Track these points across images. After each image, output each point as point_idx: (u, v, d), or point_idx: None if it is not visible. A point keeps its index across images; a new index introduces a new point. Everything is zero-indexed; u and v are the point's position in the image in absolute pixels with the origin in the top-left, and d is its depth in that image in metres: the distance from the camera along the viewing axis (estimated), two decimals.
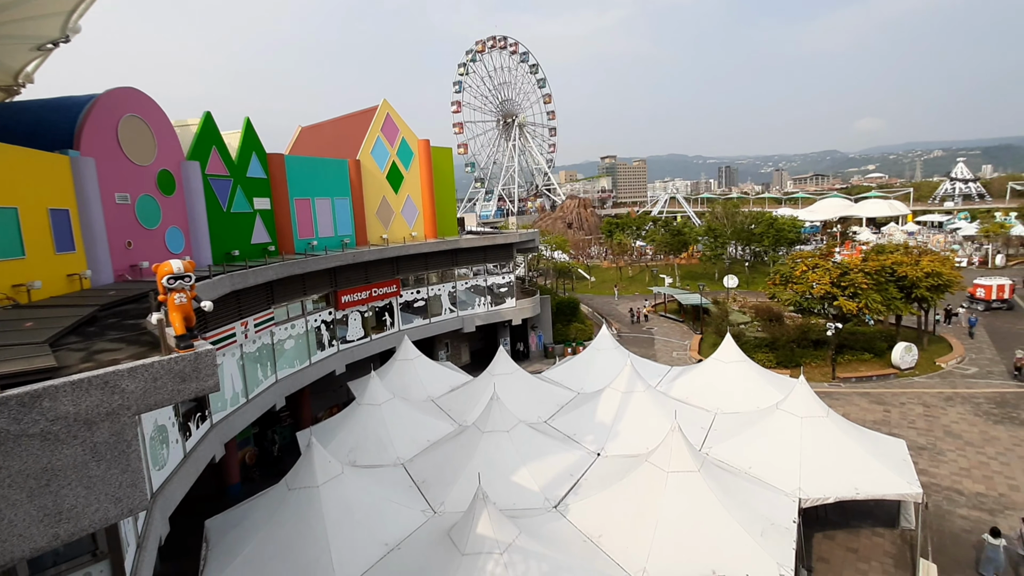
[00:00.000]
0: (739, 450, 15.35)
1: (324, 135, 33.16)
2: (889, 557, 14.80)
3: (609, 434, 16.53)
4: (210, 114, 19.81)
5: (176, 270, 5.82)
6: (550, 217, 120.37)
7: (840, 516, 16.19)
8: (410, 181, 30.48)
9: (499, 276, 33.06)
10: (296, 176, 23.99)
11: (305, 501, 12.05)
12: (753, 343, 32.05)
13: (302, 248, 24.33)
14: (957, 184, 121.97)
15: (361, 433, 17.07)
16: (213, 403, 15.89)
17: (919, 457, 19.20)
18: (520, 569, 9.90)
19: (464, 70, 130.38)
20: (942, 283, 29.93)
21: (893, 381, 28.04)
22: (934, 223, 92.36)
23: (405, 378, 22.06)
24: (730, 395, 18.95)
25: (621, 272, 71.60)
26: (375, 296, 26.46)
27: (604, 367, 21.69)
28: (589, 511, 12.72)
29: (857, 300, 28.06)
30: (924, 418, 23.40)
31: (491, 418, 15.09)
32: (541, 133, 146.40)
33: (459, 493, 13.14)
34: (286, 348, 21.22)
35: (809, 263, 31.19)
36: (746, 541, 11.20)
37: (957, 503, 17.11)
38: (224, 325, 16.80)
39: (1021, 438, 21.08)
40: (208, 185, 19.38)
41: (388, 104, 29.66)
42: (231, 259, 20.31)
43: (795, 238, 64.63)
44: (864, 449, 14.67)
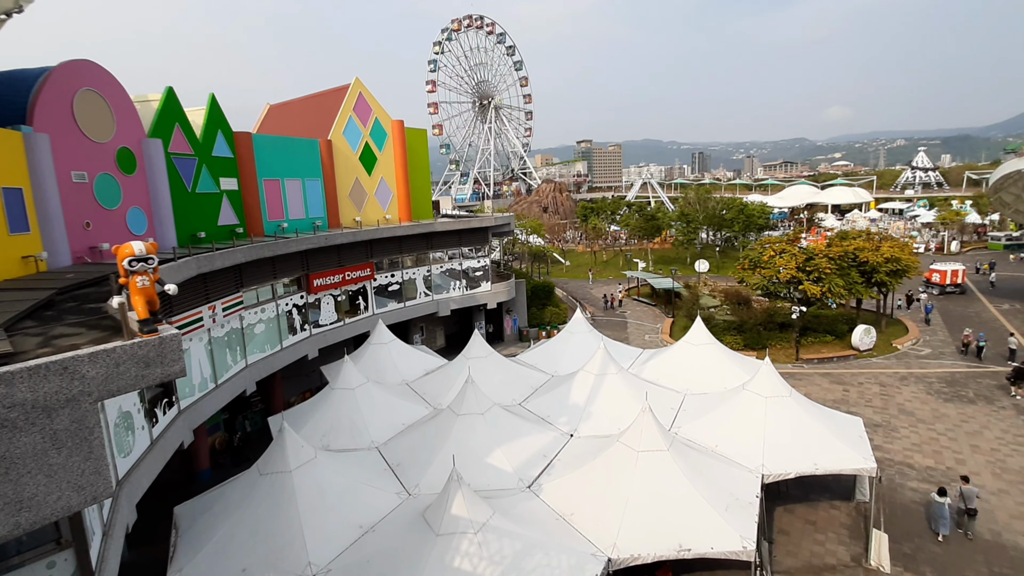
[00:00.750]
0: (707, 429, 15.84)
1: (293, 114, 32.20)
2: (845, 528, 15.61)
3: (582, 415, 16.83)
4: (172, 89, 19.00)
5: (138, 252, 5.63)
6: (526, 201, 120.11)
7: (800, 490, 16.96)
8: (384, 163, 29.93)
9: (474, 260, 32.97)
10: (265, 156, 23.30)
11: (277, 486, 11.98)
12: (722, 326, 32.88)
13: (272, 230, 23.76)
14: (918, 173, 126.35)
15: (334, 417, 16.98)
16: (180, 388, 15.56)
17: (874, 433, 20.16)
18: (493, 548, 10.10)
19: (439, 49, 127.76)
20: (901, 268, 31.17)
21: (853, 362, 29.24)
22: (895, 210, 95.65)
23: (379, 362, 21.94)
24: (699, 377, 19.47)
25: (596, 256, 72.23)
26: (348, 280, 26.10)
27: (578, 350, 21.97)
28: (561, 490, 13.01)
29: (821, 284, 29.03)
30: (880, 397, 24.54)
31: (466, 401, 15.19)
32: (517, 116, 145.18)
33: (434, 475, 13.26)
34: (256, 332, 20.82)
35: (776, 248, 32.06)
36: (712, 516, 11.64)
37: (908, 476, 18.10)
38: (191, 309, 16.38)
39: (968, 415, 22.34)
40: (171, 164, 18.66)
41: (360, 83, 28.92)
42: (197, 241, 19.72)
43: (764, 224, 66.18)
44: (823, 427, 15.33)
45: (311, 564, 10.63)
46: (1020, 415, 22.06)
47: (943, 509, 15.01)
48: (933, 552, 14.48)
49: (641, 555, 11.01)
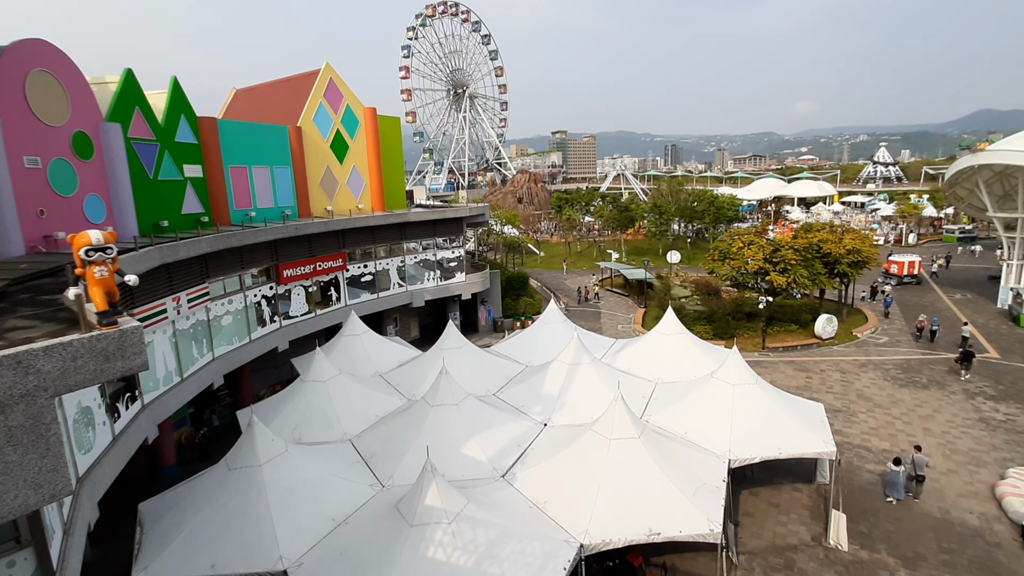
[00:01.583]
0: (677, 416, 16.23)
1: (261, 99, 31.25)
2: (806, 509, 16.27)
3: (556, 405, 17.02)
4: (131, 71, 18.21)
5: (95, 241, 5.43)
6: (500, 191, 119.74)
7: (764, 474, 17.56)
8: (356, 151, 29.39)
9: (449, 250, 32.80)
10: (231, 142, 22.60)
11: (247, 480, 11.78)
12: (693, 316, 33.60)
13: (239, 219, 23.13)
14: (879, 167, 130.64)
15: (306, 410, 16.74)
16: (144, 383, 15.11)
17: (835, 418, 20.98)
18: (468, 537, 10.18)
19: (413, 34, 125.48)
20: (861, 259, 32.35)
21: (815, 350, 30.30)
22: (857, 203, 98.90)
23: (352, 354, 21.70)
24: (670, 366, 19.88)
25: (570, 247, 72.66)
26: (320, 270, 25.65)
27: (552, 340, 22.15)
28: (535, 479, 13.17)
29: (787, 275, 29.92)
30: (841, 383, 25.53)
31: (440, 392, 15.18)
32: (492, 106, 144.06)
33: (408, 466, 13.25)
34: (223, 324, 20.32)
35: (745, 240, 32.84)
36: (680, 501, 11.97)
37: (866, 459, 18.94)
38: (154, 301, 15.89)
39: (921, 399, 23.46)
40: (131, 149, 17.93)
41: (331, 68, 28.25)
42: (160, 230, 19.07)
43: (734, 216, 67.66)
44: (787, 412, 15.88)
45: (282, 558, 10.53)
46: (969, 399, 23.28)
47: (898, 477, 16.44)
48: (887, 530, 15.23)
49: (613, 540, 11.27)
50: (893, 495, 16.53)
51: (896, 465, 16.55)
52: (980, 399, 23.27)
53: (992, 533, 14.91)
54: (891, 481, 16.63)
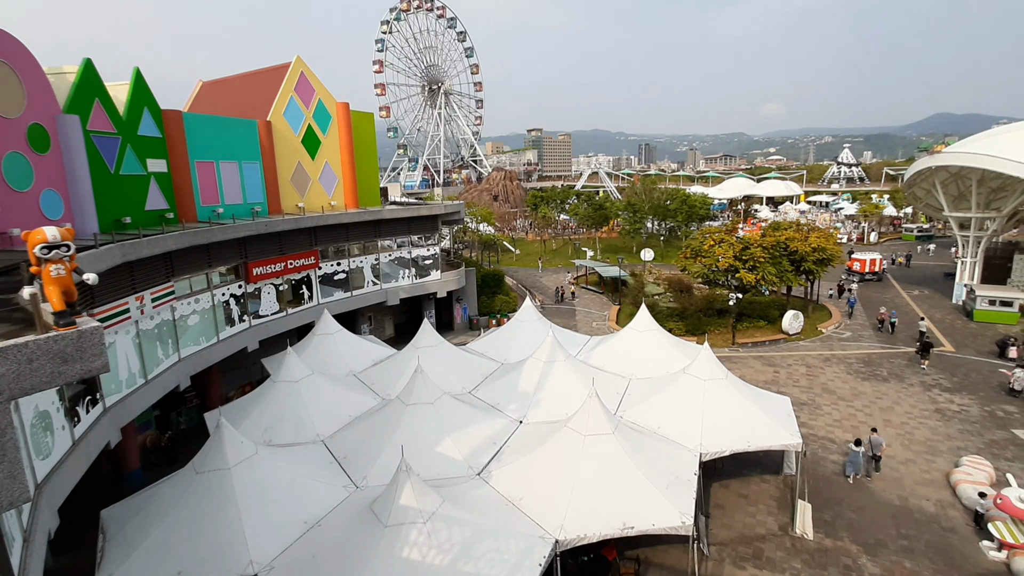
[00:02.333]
0: (650, 412, 16.50)
1: (229, 92, 30.42)
2: (773, 500, 16.76)
3: (531, 402, 17.10)
4: (90, 61, 17.49)
5: (51, 238, 5.22)
6: (476, 189, 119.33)
7: (734, 466, 18.01)
8: (328, 146, 28.88)
9: (424, 248, 32.56)
10: (197, 136, 21.95)
11: (215, 484, 11.49)
12: (666, 313, 34.17)
13: (206, 216, 22.49)
14: (843, 168, 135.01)
15: (277, 411, 16.41)
16: (105, 385, 14.59)
17: (800, 411, 21.61)
18: (443, 536, 10.16)
19: (388, 28, 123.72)
20: (826, 257, 33.43)
21: (783, 345, 31.19)
22: (822, 203, 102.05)
23: (325, 353, 21.35)
24: (644, 362, 20.19)
25: (545, 245, 72.97)
26: (291, 268, 25.16)
27: (527, 338, 22.23)
28: (511, 476, 13.21)
29: (755, 272, 30.68)
30: (806, 377, 26.35)
31: (415, 390, 15.08)
32: (467, 104, 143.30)
33: (382, 467, 13.13)
34: (190, 324, 19.77)
35: (716, 238, 33.53)
36: (653, 495, 12.18)
37: (830, 450, 19.61)
38: (115, 300, 15.35)
39: (882, 392, 24.40)
40: (91, 143, 17.24)
41: (302, 62, 27.68)
42: (122, 227, 18.40)
43: (705, 214, 68.98)
44: (756, 406, 16.32)
45: (253, 562, 10.32)
46: (926, 391, 24.32)
47: (858, 456, 17.75)
48: (850, 518, 15.81)
49: (587, 535, 11.40)
50: (852, 472, 17.77)
51: (856, 446, 17.82)
52: (936, 391, 24.34)
53: (947, 519, 15.63)
54: (851, 460, 17.85)
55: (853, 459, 17.80)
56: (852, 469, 17.79)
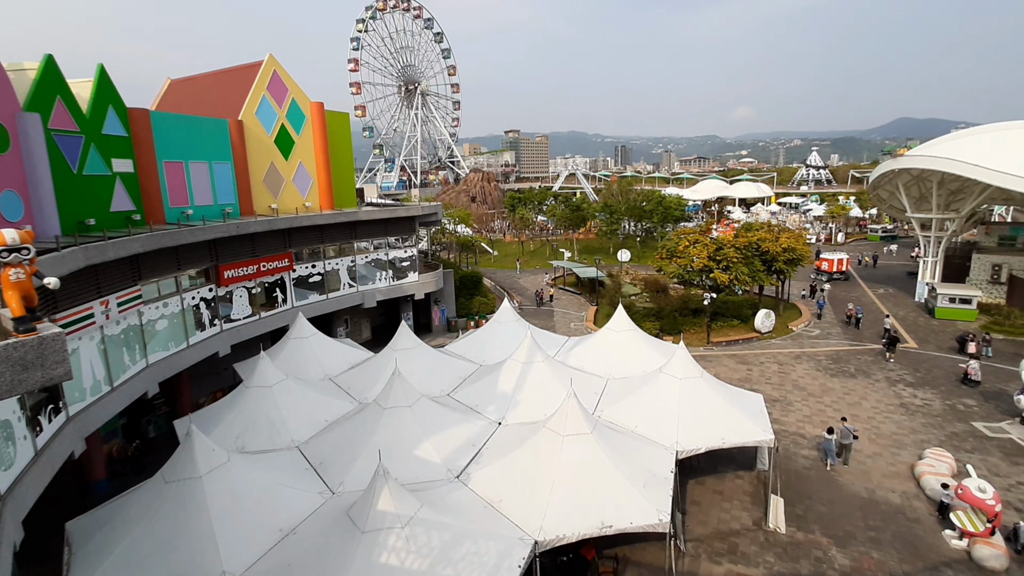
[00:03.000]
0: (627, 411, 16.67)
1: (198, 91, 29.67)
2: (747, 495, 17.11)
3: (510, 403, 17.11)
4: (52, 57, 16.84)
5: (10, 241, 5.02)
6: (454, 190, 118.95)
7: (709, 463, 18.33)
8: (302, 147, 28.40)
9: (401, 250, 32.29)
10: (165, 135, 21.34)
11: (185, 493, 11.16)
12: (642, 313, 34.59)
13: (174, 218, 21.88)
14: (811, 170, 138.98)
15: (250, 417, 16.05)
16: (69, 393, 14.07)
17: (773, 408, 22.13)
18: (422, 541, 10.08)
19: (363, 27, 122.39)
20: (796, 257, 34.33)
21: (755, 343, 31.90)
22: (792, 204, 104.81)
23: (300, 357, 20.99)
24: (621, 362, 20.40)
25: (523, 246, 73.14)
26: (264, 271, 24.66)
27: (506, 339, 22.24)
28: (490, 478, 13.19)
29: (729, 272, 31.31)
30: (778, 374, 27.01)
31: (393, 394, 14.93)
32: (445, 105, 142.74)
33: (359, 472, 12.96)
34: (158, 329, 19.21)
35: (690, 239, 34.12)
36: (631, 493, 12.32)
37: (801, 445, 20.13)
38: (79, 305, 14.84)
39: (850, 388, 25.16)
40: (52, 142, 16.59)
41: (275, 60, 27.17)
42: (86, 229, 17.75)
43: (680, 216, 70.12)
44: (730, 404, 16.65)
45: (225, 573, 10.06)
46: (891, 387, 25.17)
47: (831, 444, 18.74)
48: (820, 512, 16.24)
49: (566, 535, 11.45)
50: (829, 460, 18.77)
51: (829, 434, 18.91)
52: (901, 386, 25.21)
53: (912, 510, 16.20)
54: (826, 448, 18.88)
55: (827, 447, 18.82)
56: (828, 458, 18.78)
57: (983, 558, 13.78)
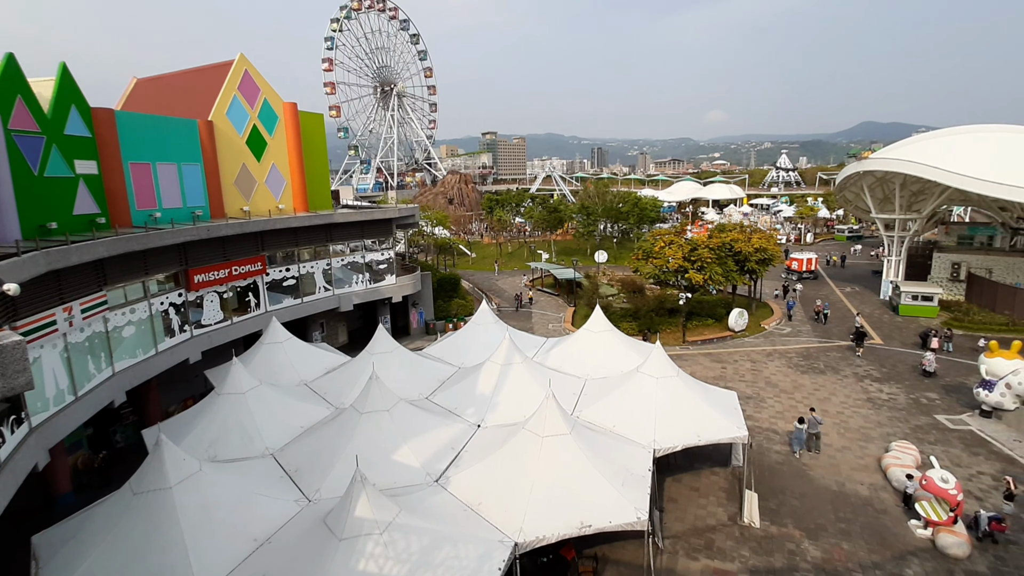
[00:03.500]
0: (605, 411, 16.82)
1: (166, 90, 28.91)
2: (723, 491, 17.43)
3: (489, 405, 17.09)
4: (12, 56, 16.21)
5: None
6: (431, 192, 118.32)
7: (686, 460, 18.62)
8: (275, 148, 27.92)
9: (378, 252, 31.98)
10: (131, 136, 20.75)
11: (155, 505, 10.83)
12: (619, 313, 34.96)
13: (141, 221, 21.27)
14: (781, 172, 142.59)
15: (222, 425, 15.67)
16: (31, 403, 13.55)
17: (746, 405, 22.58)
18: (401, 546, 9.99)
19: (338, 26, 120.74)
20: (767, 257, 35.15)
21: (729, 342, 32.54)
22: (763, 205, 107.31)
23: (274, 362, 20.59)
24: (599, 362, 20.58)
25: (501, 248, 73.18)
26: (236, 275, 24.14)
27: (484, 341, 22.21)
28: (469, 481, 13.15)
29: (703, 272, 31.88)
30: (751, 372, 27.60)
31: (370, 398, 14.76)
32: (421, 107, 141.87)
33: (336, 478, 12.77)
34: (125, 336, 18.64)
35: (666, 240, 34.65)
36: (610, 492, 12.43)
37: (773, 441, 20.60)
38: (40, 311, 14.30)
39: (819, 384, 25.87)
40: (12, 143, 15.97)
41: (246, 59, 26.67)
42: (47, 233, 17.12)
43: (656, 217, 71.11)
44: (705, 402, 16.95)
45: None
46: (859, 382, 25.97)
47: (802, 433, 19.60)
48: (793, 505, 16.65)
49: (546, 536, 11.49)
50: (797, 448, 19.62)
51: (800, 424, 19.82)
52: (868, 381, 26.04)
53: (879, 501, 16.73)
54: (796, 437, 19.69)
55: (798, 436, 19.65)
56: (797, 445, 19.63)
57: (946, 546, 14.31)
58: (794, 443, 19.74)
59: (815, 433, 19.84)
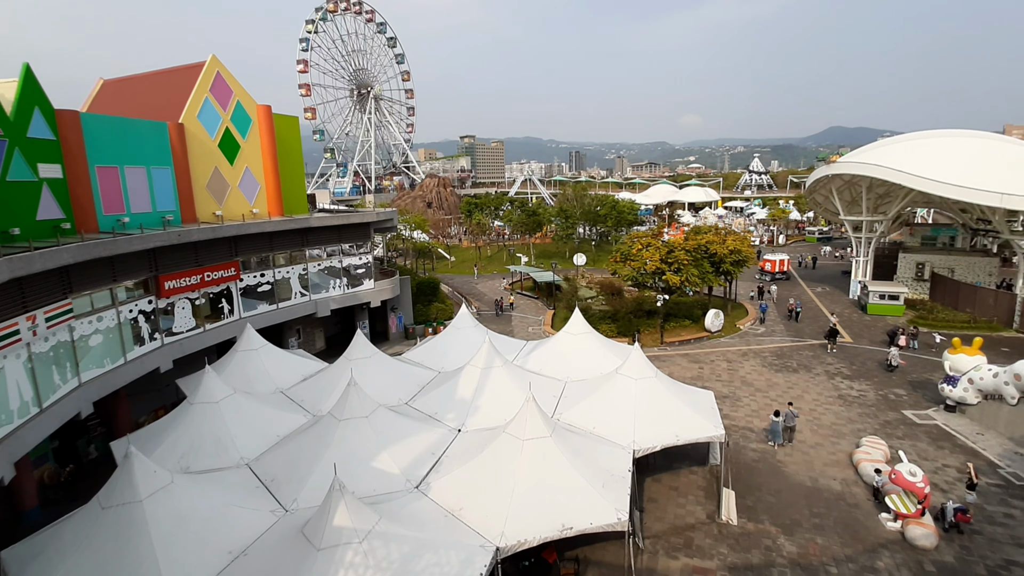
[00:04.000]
0: (585, 413, 16.92)
1: (135, 92, 28.15)
2: (701, 490, 17.69)
3: (469, 410, 17.03)
4: None
5: None
6: (409, 196, 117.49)
7: (664, 460, 18.82)
8: (249, 151, 27.39)
9: (356, 257, 31.62)
10: (98, 139, 20.12)
11: (125, 519, 10.49)
12: (598, 316, 35.22)
13: (109, 226, 20.61)
14: (753, 176, 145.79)
15: (195, 435, 15.26)
16: None
17: (723, 404, 22.96)
18: (380, 555, 9.87)
19: (313, 28, 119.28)
20: (741, 259, 35.87)
21: (706, 342, 33.08)
22: (737, 208, 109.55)
23: (248, 370, 20.17)
24: (578, 364, 20.70)
25: (480, 252, 73.09)
26: (208, 281, 23.60)
27: (464, 345, 22.14)
28: (450, 486, 13.08)
29: (680, 274, 32.36)
30: (727, 371, 28.10)
31: (348, 405, 14.57)
32: (399, 110, 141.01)
33: (314, 487, 12.55)
34: (92, 345, 18.06)
35: (643, 242, 35.07)
36: (590, 494, 12.49)
37: (749, 439, 21.00)
38: (3, 321, 13.78)
39: (793, 382, 26.48)
40: None
41: (218, 61, 26.12)
42: (10, 239, 16.46)
43: (633, 219, 71.95)
44: (683, 402, 17.19)
45: None
46: (830, 379, 26.66)
47: (778, 426, 20.35)
48: (769, 502, 16.99)
49: (528, 540, 11.48)
50: (775, 440, 20.38)
51: (776, 417, 20.53)
52: (839, 379, 26.75)
53: (851, 496, 17.19)
54: (773, 430, 20.47)
55: (774, 428, 20.40)
56: (774, 437, 20.38)
57: (915, 538, 14.77)
58: (772, 436, 20.48)
59: (791, 426, 20.59)
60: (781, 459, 19.46)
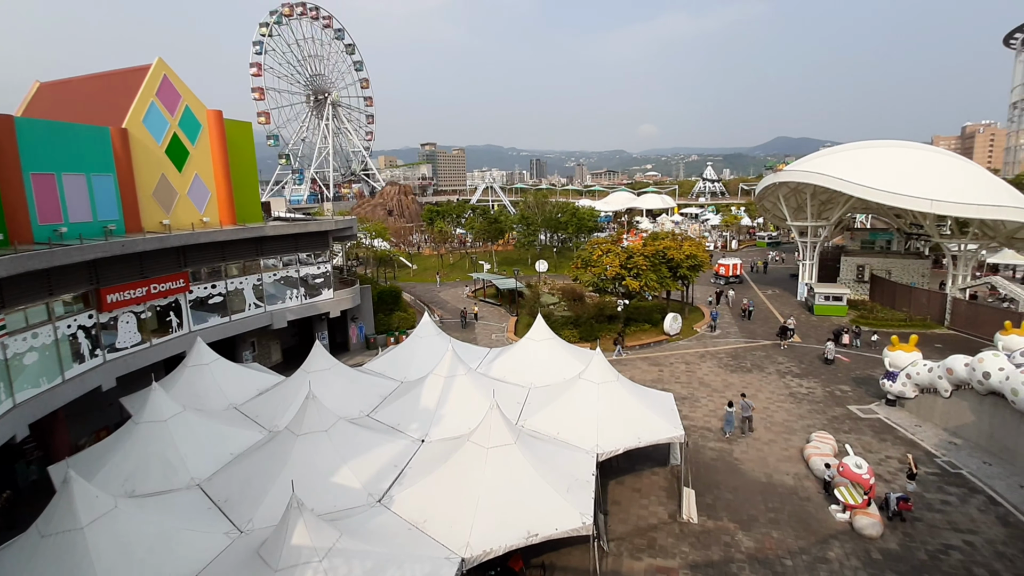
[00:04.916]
0: (549, 418, 17.01)
1: (75, 96, 26.70)
2: (663, 490, 18.06)
3: (433, 419, 16.83)
4: None
5: None
6: (369, 204, 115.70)
7: (627, 462, 19.14)
8: (198, 157, 26.39)
9: (314, 266, 30.85)
10: (32, 144, 18.98)
11: (65, 548, 9.83)
12: (560, 322, 35.56)
13: (45, 236, 19.43)
14: (707, 183, 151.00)
15: (141, 456, 14.46)
16: None
17: (682, 405, 23.53)
18: (342, 573, 9.59)
19: (267, 31, 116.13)
20: (697, 263, 37.02)
21: (665, 346, 33.91)
22: (692, 215, 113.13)
23: (199, 386, 19.29)
24: (541, 370, 20.80)
25: (442, 259, 72.63)
26: (155, 293, 22.52)
27: (427, 354, 21.89)
28: (414, 498, 12.87)
29: (639, 279, 33.09)
30: (686, 373, 28.87)
31: (307, 419, 14.14)
32: (358, 117, 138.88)
33: (270, 506, 12.11)
34: (26, 363, 16.91)
35: (603, 248, 35.70)
36: (555, 499, 12.55)
37: (708, 438, 21.60)
38: None
39: (747, 382, 27.45)
40: None
41: (165, 64, 25.10)
42: None
43: (593, 226, 73.12)
44: (644, 405, 17.54)
45: None
46: (781, 378, 27.79)
47: (731, 416, 21.37)
48: (727, 499, 17.50)
49: (493, 549, 11.41)
50: (728, 429, 21.41)
51: (730, 407, 21.64)
52: (789, 377, 27.92)
53: (803, 489, 17.92)
54: (727, 420, 21.44)
55: (729, 419, 21.37)
56: (728, 428, 21.36)
57: (862, 527, 15.53)
58: (726, 426, 21.49)
59: (748, 416, 21.68)
60: (738, 456, 20.10)
